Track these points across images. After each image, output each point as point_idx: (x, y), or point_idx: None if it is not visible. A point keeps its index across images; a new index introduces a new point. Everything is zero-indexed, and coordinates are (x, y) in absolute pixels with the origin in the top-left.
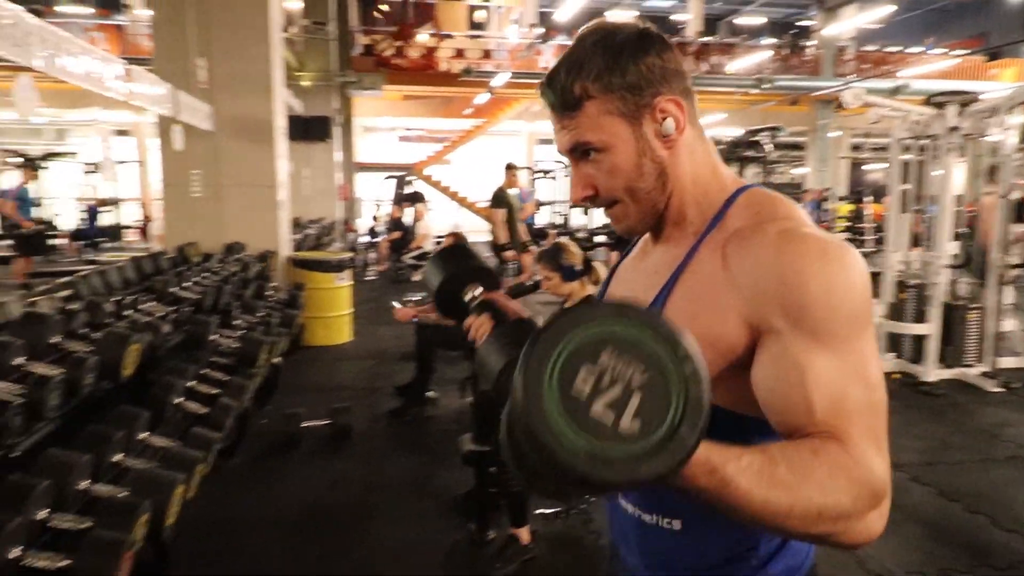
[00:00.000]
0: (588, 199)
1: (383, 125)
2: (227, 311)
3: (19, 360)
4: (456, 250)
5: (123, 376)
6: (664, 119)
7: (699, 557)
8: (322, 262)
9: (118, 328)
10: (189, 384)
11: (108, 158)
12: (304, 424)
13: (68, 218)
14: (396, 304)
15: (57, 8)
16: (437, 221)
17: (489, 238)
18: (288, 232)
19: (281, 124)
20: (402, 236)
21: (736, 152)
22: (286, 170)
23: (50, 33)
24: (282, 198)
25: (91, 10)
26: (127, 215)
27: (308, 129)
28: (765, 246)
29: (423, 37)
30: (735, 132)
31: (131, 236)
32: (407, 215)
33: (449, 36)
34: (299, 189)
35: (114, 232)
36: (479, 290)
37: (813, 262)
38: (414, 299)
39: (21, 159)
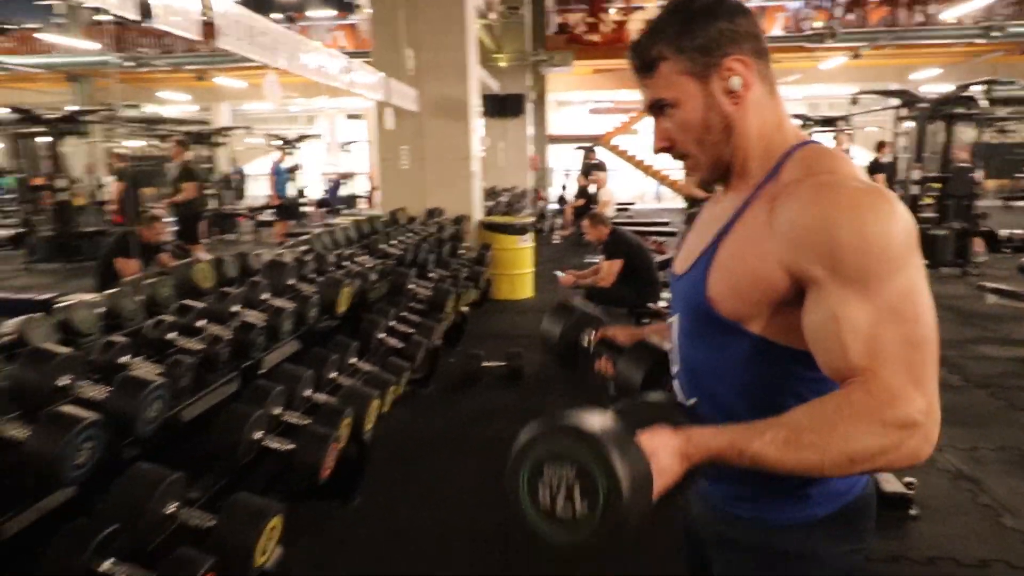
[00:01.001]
0: (665, 150)
1: (575, 99)
2: (423, 265)
3: (265, 295)
4: (563, 307)
5: (338, 312)
6: (730, 77)
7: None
8: (508, 225)
9: (335, 275)
10: (390, 323)
11: (334, 139)
12: (484, 364)
13: (315, 189)
14: (559, 273)
15: (308, 13)
16: (621, 188)
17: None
18: (480, 198)
19: (475, 103)
20: (585, 203)
21: (942, 110)
22: (479, 144)
23: (290, 38)
24: (475, 169)
25: (333, 12)
26: (360, 186)
27: (503, 106)
28: (802, 198)
29: (613, 11)
30: (946, 88)
31: (362, 204)
32: (591, 184)
33: (640, 8)
34: (495, 161)
35: (349, 200)
36: (593, 333)
37: (844, 211)
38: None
39: (280, 141)
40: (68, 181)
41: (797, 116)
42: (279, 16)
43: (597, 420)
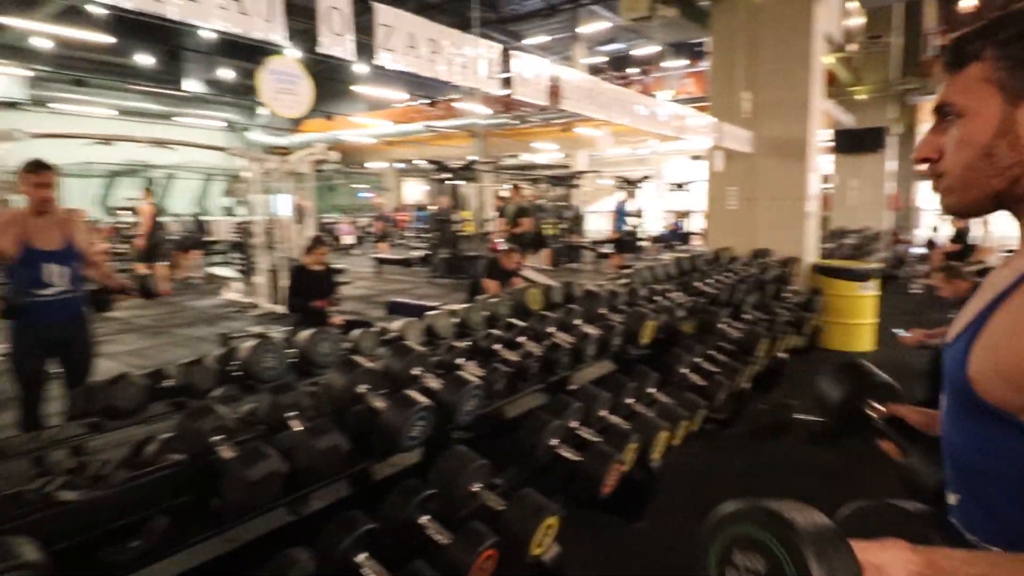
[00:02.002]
0: (924, 161)
1: None
2: (738, 306)
3: (577, 321)
4: (851, 367)
5: (640, 343)
6: None
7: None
8: (846, 270)
9: (643, 308)
10: (695, 360)
11: (661, 179)
12: (797, 416)
13: (654, 225)
14: (900, 331)
15: (662, 64)
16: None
17: None
18: (815, 240)
19: (815, 141)
20: (961, 249)
21: None
22: (817, 183)
23: (623, 95)
24: (810, 209)
25: (686, 61)
26: (695, 224)
27: (858, 141)
28: None
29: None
30: None
31: (697, 241)
32: (972, 226)
33: None
34: (843, 199)
35: (684, 237)
36: (880, 407)
37: None
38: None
39: (624, 181)
40: (463, 215)
41: None
42: (635, 70)
43: (808, 515)
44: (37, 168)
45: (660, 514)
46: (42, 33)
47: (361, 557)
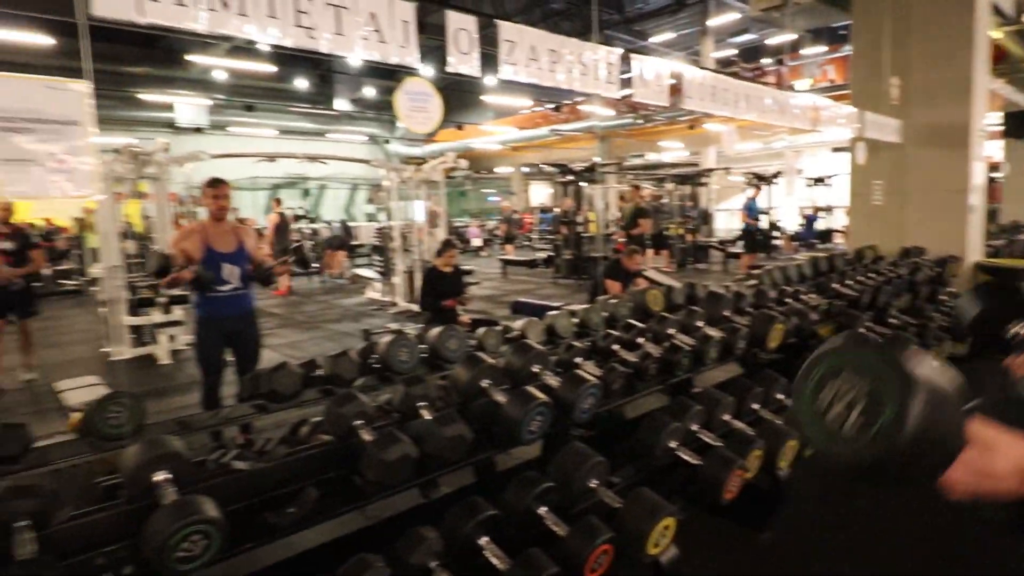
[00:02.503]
0: None
1: None
2: (883, 309)
3: (699, 323)
4: (991, 287)
5: (768, 347)
6: None
7: None
8: (1015, 270)
9: (772, 311)
10: None
11: (790, 173)
12: None
13: (790, 222)
14: None
15: (800, 52)
16: None
17: None
18: (979, 237)
19: (979, 126)
20: None
21: None
22: (982, 173)
23: (749, 89)
24: (974, 202)
25: (824, 48)
26: (839, 221)
27: None
28: None
29: None
30: None
31: (838, 239)
32: None
33: None
34: (1016, 190)
35: (824, 235)
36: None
37: None
38: None
39: (755, 177)
40: (585, 217)
41: None
42: (769, 61)
43: (929, 366)
44: (215, 183)
45: (788, 526)
46: (220, 67)
47: (483, 540)
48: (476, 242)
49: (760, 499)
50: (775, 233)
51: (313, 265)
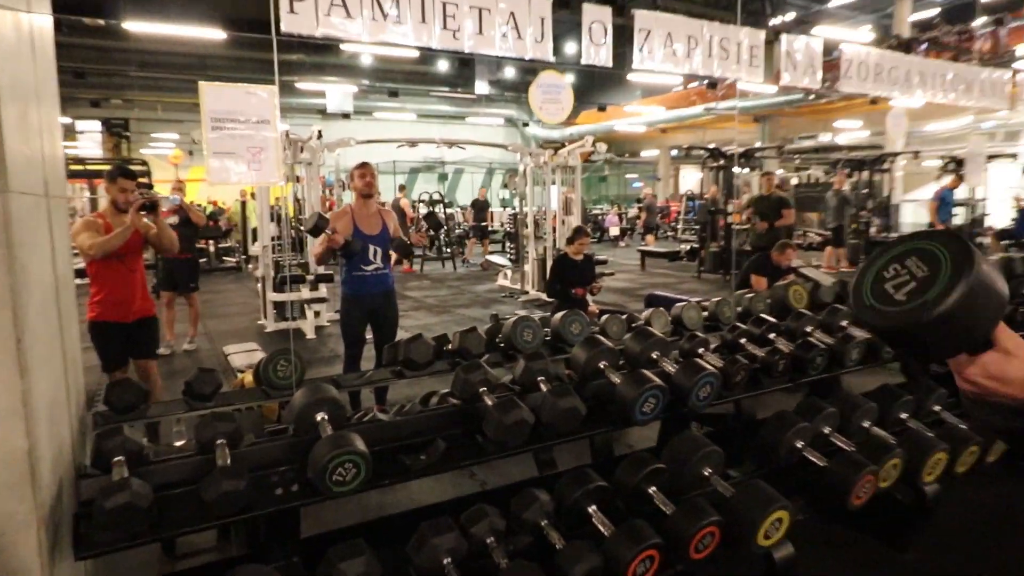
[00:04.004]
0: None
1: None
2: None
3: (843, 322)
4: None
5: None
6: None
7: None
8: None
9: None
10: None
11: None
12: None
13: (1000, 217)
14: None
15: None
16: None
17: None
18: None
19: None
20: None
21: None
22: None
23: (921, 63)
24: None
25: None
26: None
27: None
28: None
29: None
30: None
31: None
32: None
33: None
34: None
35: None
36: None
37: None
38: None
39: (952, 162)
40: (737, 206)
41: None
42: (982, 21)
43: (986, 269)
44: (362, 166)
45: (934, 550)
46: (367, 52)
47: (592, 508)
48: (614, 231)
49: (901, 515)
50: (977, 230)
51: (446, 251)
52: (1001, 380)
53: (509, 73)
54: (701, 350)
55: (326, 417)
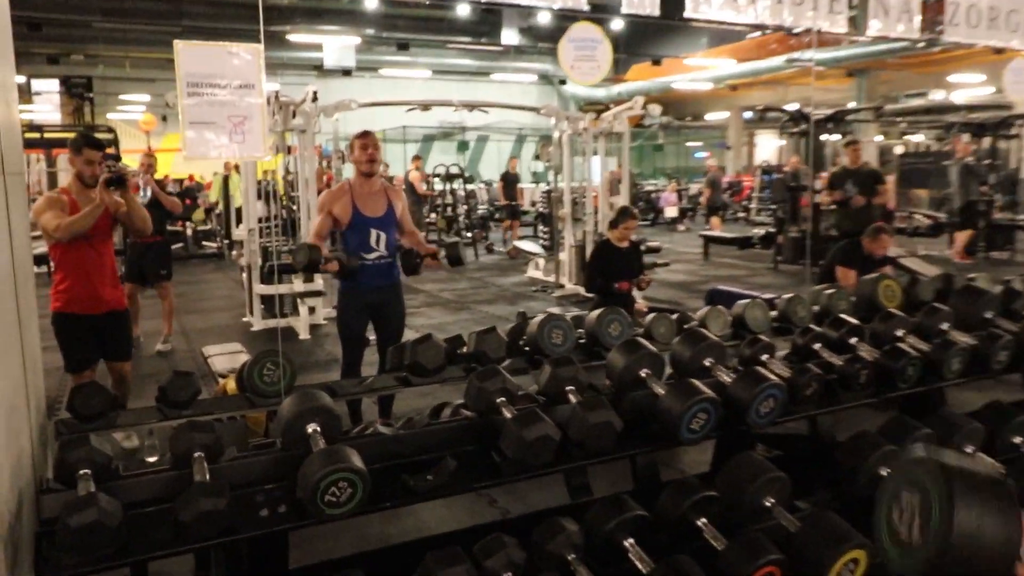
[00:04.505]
0: None
1: None
2: None
3: (944, 326)
4: None
5: None
6: None
7: None
8: None
9: None
10: None
11: None
12: None
13: None
14: None
15: None
16: None
17: None
18: None
19: None
20: None
21: None
22: None
23: None
24: None
25: None
26: None
27: None
28: None
29: None
30: None
31: None
32: None
33: None
34: None
35: None
36: None
37: None
38: None
39: None
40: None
41: None
42: None
43: (967, 464)
44: (364, 135)
45: None
46: None
47: (628, 542)
48: (670, 212)
49: None
50: None
51: (466, 235)
52: None
53: (543, 19)
54: (765, 357)
55: (318, 429)
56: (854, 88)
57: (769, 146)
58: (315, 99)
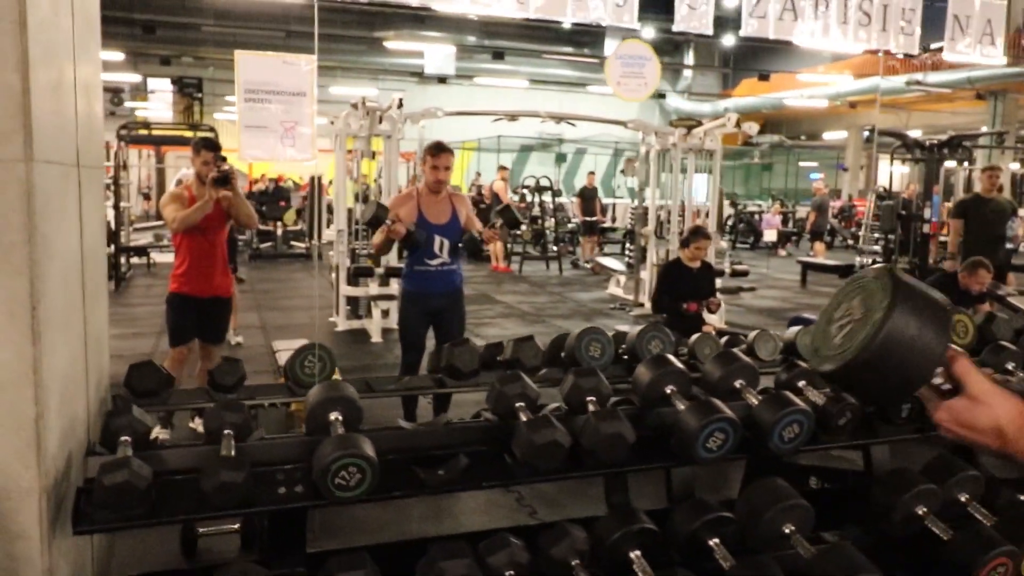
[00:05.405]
0: None
1: None
2: None
3: (1010, 364)
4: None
5: None
6: None
7: None
8: None
9: None
10: None
11: None
12: None
13: None
14: None
15: None
16: None
17: None
18: None
19: None
20: None
21: None
22: None
23: None
24: None
25: None
26: None
27: None
28: None
29: None
30: None
31: None
32: None
33: None
34: None
35: None
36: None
37: None
38: None
39: None
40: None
41: None
42: None
43: (919, 292)
44: (437, 150)
45: None
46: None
47: (634, 554)
48: (770, 235)
49: None
50: None
51: (552, 249)
52: (971, 428)
53: (647, 34)
54: (802, 383)
55: (339, 418)
56: (988, 111)
57: (895, 168)
58: (400, 105)
